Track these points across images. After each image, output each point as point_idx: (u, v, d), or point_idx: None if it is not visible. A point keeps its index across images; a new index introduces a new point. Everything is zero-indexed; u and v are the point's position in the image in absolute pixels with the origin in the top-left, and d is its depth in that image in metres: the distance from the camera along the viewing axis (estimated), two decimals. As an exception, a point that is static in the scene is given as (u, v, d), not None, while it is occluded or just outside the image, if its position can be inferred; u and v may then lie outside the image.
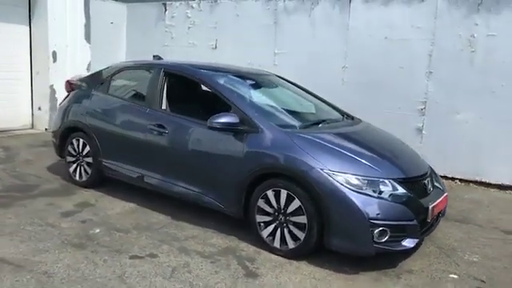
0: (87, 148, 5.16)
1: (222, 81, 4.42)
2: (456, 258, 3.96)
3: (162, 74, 4.69)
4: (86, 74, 8.71)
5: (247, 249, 3.87)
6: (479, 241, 4.38)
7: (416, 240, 3.60)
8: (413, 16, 6.67)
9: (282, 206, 3.70)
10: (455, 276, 3.61)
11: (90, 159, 5.16)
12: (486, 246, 4.25)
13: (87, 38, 8.95)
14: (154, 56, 5.62)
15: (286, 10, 7.77)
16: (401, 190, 3.56)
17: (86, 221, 4.30)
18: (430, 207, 3.68)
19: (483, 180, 6.36)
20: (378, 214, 3.39)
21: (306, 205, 3.57)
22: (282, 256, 3.74)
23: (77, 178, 5.32)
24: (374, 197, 3.45)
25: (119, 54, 9.68)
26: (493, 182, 6.28)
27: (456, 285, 3.47)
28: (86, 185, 5.24)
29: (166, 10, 9.15)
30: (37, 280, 3.15)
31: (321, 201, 3.49)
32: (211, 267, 3.51)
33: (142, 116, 4.65)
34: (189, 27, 8.87)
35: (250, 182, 3.86)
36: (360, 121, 4.69)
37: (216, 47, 8.58)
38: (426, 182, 3.88)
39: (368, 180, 3.51)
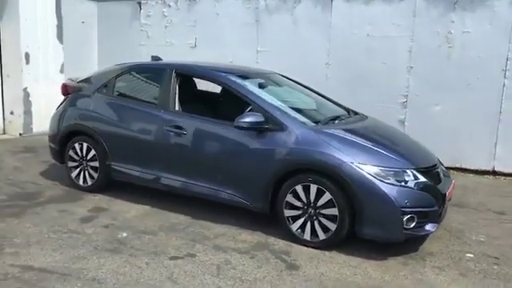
0: (92, 152, 5.07)
1: (239, 81, 4.51)
2: (465, 239, 4.30)
3: (173, 75, 4.71)
4: (60, 75, 8.50)
5: (277, 243, 4.01)
6: (479, 222, 4.76)
7: (437, 224, 3.89)
8: (393, 14, 7.03)
9: (312, 200, 3.87)
10: (471, 255, 3.94)
11: (95, 163, 5.07)
12: (486, 227, 4.64)
13: (60, 38, 8.66)
14: (152, 57, 5.57)
15: (268, 9, 7.92)
16: (422, 179, 3.83)
17: (109, 225, 4.27)
18: (447, 193, 3.99)
19: (462, 166, 6.84)
20: (406, 202, 3.65)
21: (337, 197, 3.75)
22: (312, 247, 3.92)
23: (80, 182, 5.22)
24: (401, 186, 3.70)
25: (91, 55, 9.45)
26: (472, 167, 6.77)
27: (475, 263, 3.79)
28: (92, 189, 5.16)
29: (140, 8, 9.02)
30: (89, 287, 3.13)
31: (353, 193, 3.69)
32: (252, 262, 3.62)
33: (155, 118, 4.65)
34: (166, 26, 8.81)
35: (278, 178, 4.00)
36: (366, 116, 4.94)
37: (195, 46, 8.58)
38: (438, 170, 4.19)
39: (393, 171, 3.76)
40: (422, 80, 6.95)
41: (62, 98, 5.49)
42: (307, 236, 3.94)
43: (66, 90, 5.45)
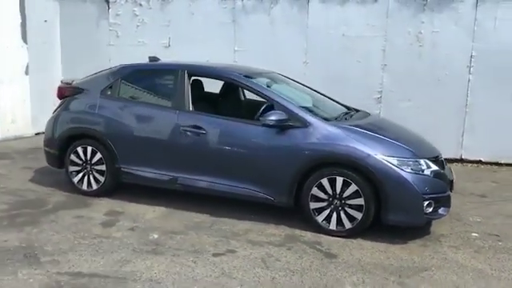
0: (98, 155, 4.97)
1: (255, 81, 4.65)
2: (465, 220, 4.76)
3: (186, 76, 4.74)
4: (25, 77, 8.11)
5: (304, 234, 4.22)
6: (469, 205, 5.27)
7: (448, 208, 4.28)
8: (367, 15, 7.45)
9: (338, 192, 4.11)
10: (476, 234, 4.39)
11: (101, 167, 4.98)
12: (477, 209, 5.15)
13: (24, 38, 8.23)
14: (149, 57, 5.53)
15: (245, 9, 8.06)
16: (434, 167, 4.21)
17: (134, 228, 4.25)
18: (454, 179, 4.40)
19: (433, 156, 7.42)
20: (426, 189, 4.00)
21: (363, 188, 4.03)
22: (338, 236, 4.16)
23: (83, 187, 5.10)
24: (419, 174, 4.05)
25: (55, 55, 9.06)
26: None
27: (482, 241, 4.23)
28: (97, 193, 5.05)
29: (109, 7, 8.79)
30: None
31: (379, 183, 3.97)
32: (291, 254, 3.80)
33: (170, 118, 4.66)
34: (137, 25, 8.66)
35: (304, 173, 4.20)
36: (368, 113, 5.23)
37: (169, 45, 8.53)
38: (442, 159, 4.59)
39: (410, 161, 4.09)
40: (395, 77, 7.44)
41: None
42: (333, 226, 4.18)
43: (62, 92, 5.28)
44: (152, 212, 4.69)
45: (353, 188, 4.06)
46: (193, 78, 4.82)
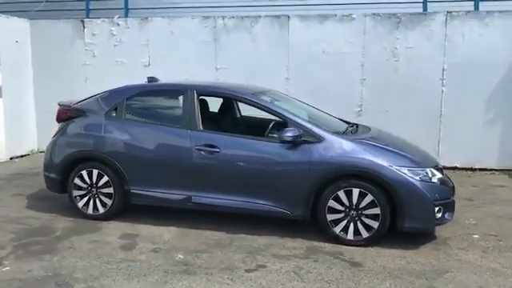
0: (104, 178, 4.91)
1: (264, 99, 4.79)
2: (462, 223, 5.08)
3: (195, 96, 4.80)
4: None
5: (324, 245, 4.37)
6: (461, 209, 5.55)
7: (452, 213, 4.57)
8: (345, 32, 7.82)
9: (355, 203, 4.31)
10: (477, 236, 4.71)
11: (109, 189, 4.91)
12: (469, 212, 5.51)
13: (-4, 59, 7.93)
14: (148, 78, 5.53)
15: (226, 28, 8.21)
16: (439, 175, 4.50)
17: (157, 250, 4.23)
18: (454, 186, 4.72)
19: (412, 164, 7.83)
20: (436, 196, 4.28)
21: (379, 198, 4.25)
22: (355, 245, 4.34)
23: (89, 211, 5.00)
24: (429, 182, 4.32)
25: (26, 75, 8.77)
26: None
27: (485, 241, 4.55)
28: (104, 217, 4.97)
29: (84, 27, 8.66)
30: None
31: (394, 192, 4.20)
32: (320, 265, 3.94)
33: (183, 138, 4.70)
34: (115, 45, 8.59)
35: (320, 186, 4.37)
36: (369, 127, 5.46)
37: (149, 64, 8.51)
38: (441, 167, 4.91)
39: (419, 170, 4.36)
40: (373, 90, 7.83)
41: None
42: (350, 236, 4.36)
43: (62, 115, 5.17)
44: (167, 233, 4.67)
45: (369, 198, 4.27)
46: (201, 98, 4.88)
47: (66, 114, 5.15)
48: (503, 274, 3.81)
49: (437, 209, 4.28)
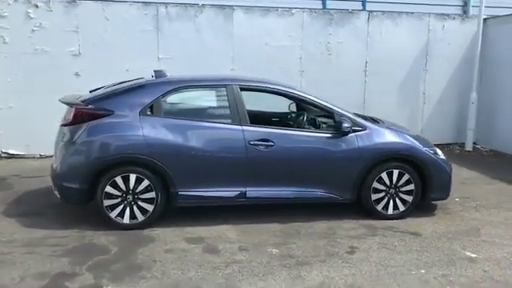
0: (145, 182, 4.50)
1: (307, 93, 5.03)
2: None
3: (238, 90, 4.76)
4: None
5: (373, 223, 4.90)
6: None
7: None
8: (286, 26, 8.32)
9: (395, 182, 4.95)
10: (458, 199, 5.81)
11: (149, 194, 4.53)
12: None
13: None
14: (155, 71, 5.16)
15: (169, 16, 7.86)
16: (441, 153, 5.46)
17: (243, 248, 4.19)
18: (446, 161, 5.77)
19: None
20: (449, 169, 5.21)
21: (413, 176, 4.98)
22: (394, 219, 5.00)
23: (125, 221, 4.54)
24: (442, 158, 5.22)
25: None
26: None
27: (467, 202, 5.68)
28: (142, 225, 4.57)
29: (-10, 7, 7.21)
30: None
31: (426, 170, 4.97)
32: (393, 239, 4.48)
33: (235, 134, 4.64)
34: (33, 30, 7.41)
35: (368, 170, 4.88)
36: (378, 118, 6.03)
37: (80, 53, 7.60)
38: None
39: (434, 149, 5.25)
40: (311, 81, 8.54)
41: None
42: (390, 211, 5.01)
43: (81, 116, 4.47)
44: (227, 231, 4.59)
45: (405, 177, 4.96)
46: (247, 92, 4.85)
47: (87, 115, 4.48)
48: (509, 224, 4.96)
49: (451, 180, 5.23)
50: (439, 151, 5.35)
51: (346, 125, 4.73)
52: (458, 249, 4.28)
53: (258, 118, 5.08)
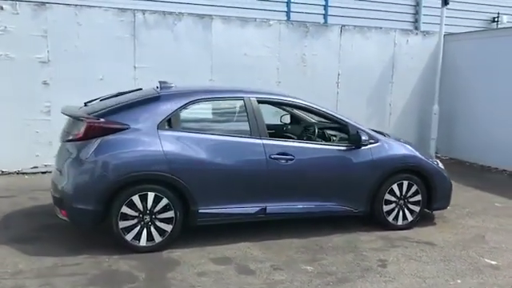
0: (163, 201, 4.22)
1: (322, 106, 5.00)
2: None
3: (256, 103, 4.63)
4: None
5: (386, 234, 4.96)
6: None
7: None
8: (264, 37, 8.28)
9: (404, 193, 5.07)
10: (449, 207, 6.07)
11: (168, 214, 4.25)
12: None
13: None
14: (160, 82, 4.90)
15: (146, 24, 7.50)
16: (440, 163, 5.67)
17: (275, 267, 4.04)
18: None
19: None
20: (450, 179, 5.43)
21: (420, 187, 5.12)
22: (402, 229, 5.11)
23: (142, 243, 4.21)
24: (443, 169, 5.43)
25: None
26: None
27: (458, 210, 5.95)
28: (159, 247, 4.27)
29: None
30: None
31: (432, 181, 5.14)
32: (414, 249, 4.57)
33: (256, 148, 4.50)
34: (-4, 34, 6.73)
35: (381, 182, 4.95)
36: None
37: (49, 60, 7.02)
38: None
39: (436, 161, 5.45)
40: (287, 92, 8.54)
41: None
42: (400, 222, 5.11)
43: (92, 131, 4.09)
44: (249, 249, 4.42)
45: (414, 188, 5.09)
46: (265, 105, 4.72)
47: (100, 129, 4.10)
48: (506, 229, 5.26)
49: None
50: (440, 162, 5.56)
51: (364, 138, 4.77)
52: (476, 256, 4.44)
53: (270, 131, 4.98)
